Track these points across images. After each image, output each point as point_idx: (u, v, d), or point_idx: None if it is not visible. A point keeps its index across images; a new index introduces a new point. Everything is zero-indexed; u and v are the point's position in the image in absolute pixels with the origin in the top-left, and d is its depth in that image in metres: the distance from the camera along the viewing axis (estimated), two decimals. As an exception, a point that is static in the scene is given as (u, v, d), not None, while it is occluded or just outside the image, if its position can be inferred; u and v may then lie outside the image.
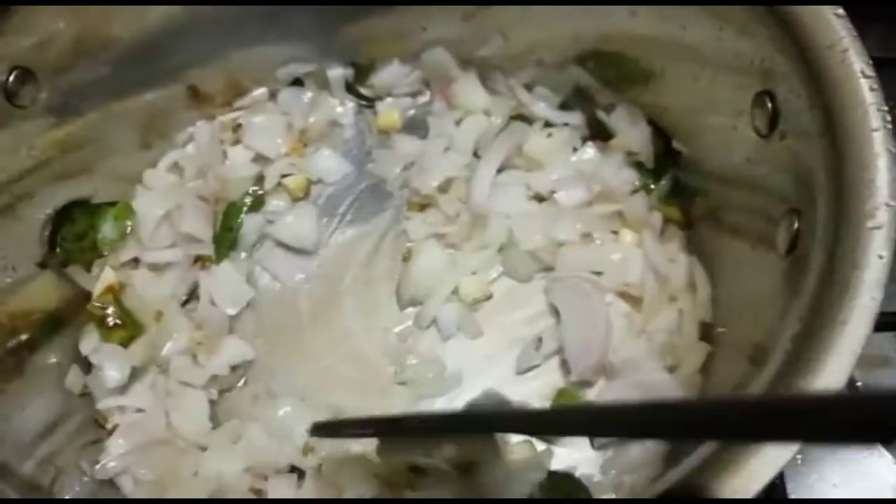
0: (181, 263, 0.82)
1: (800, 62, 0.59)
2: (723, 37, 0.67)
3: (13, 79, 0.68)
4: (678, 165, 0.81)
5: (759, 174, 0.67)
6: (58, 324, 0.77)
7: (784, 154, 0.63)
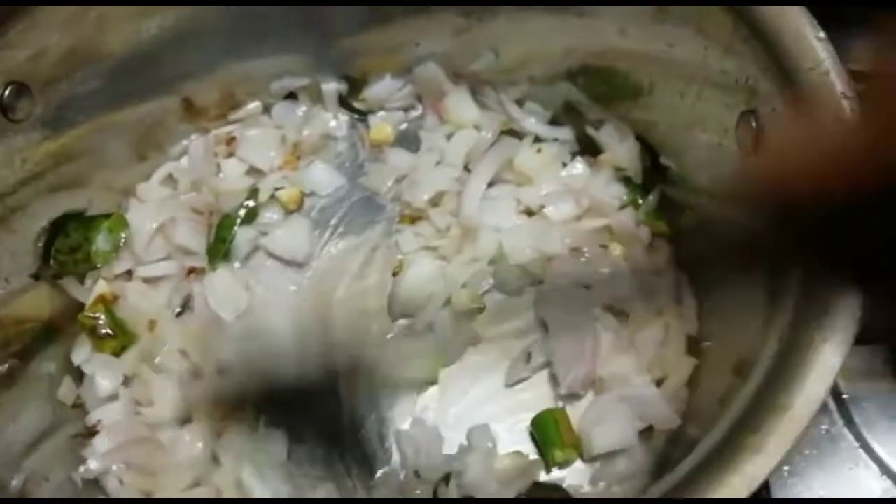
0: (175, 276, 0.83)
1: (782, 83, 0.60)
2: (708, 55, 0.68)
3: (9, 93, 0.69)
4: (666, 181, 0.82)
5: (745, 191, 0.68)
6: (50, 335, 0.77)
7: (768, 172, 0.64)
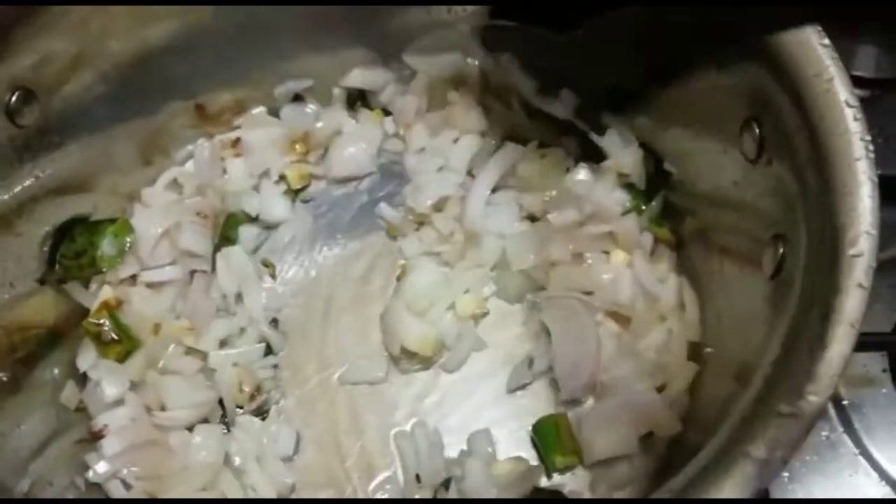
0: (180, 280, 0.83)
1: (786, 90, 0.60)
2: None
3: (15, 99, 0.69)
4: (669, 187, 0.82)
5: (747, 198, 0.68)
6: (55, 340, 0.77)
7: (770, 179, 0.64)
